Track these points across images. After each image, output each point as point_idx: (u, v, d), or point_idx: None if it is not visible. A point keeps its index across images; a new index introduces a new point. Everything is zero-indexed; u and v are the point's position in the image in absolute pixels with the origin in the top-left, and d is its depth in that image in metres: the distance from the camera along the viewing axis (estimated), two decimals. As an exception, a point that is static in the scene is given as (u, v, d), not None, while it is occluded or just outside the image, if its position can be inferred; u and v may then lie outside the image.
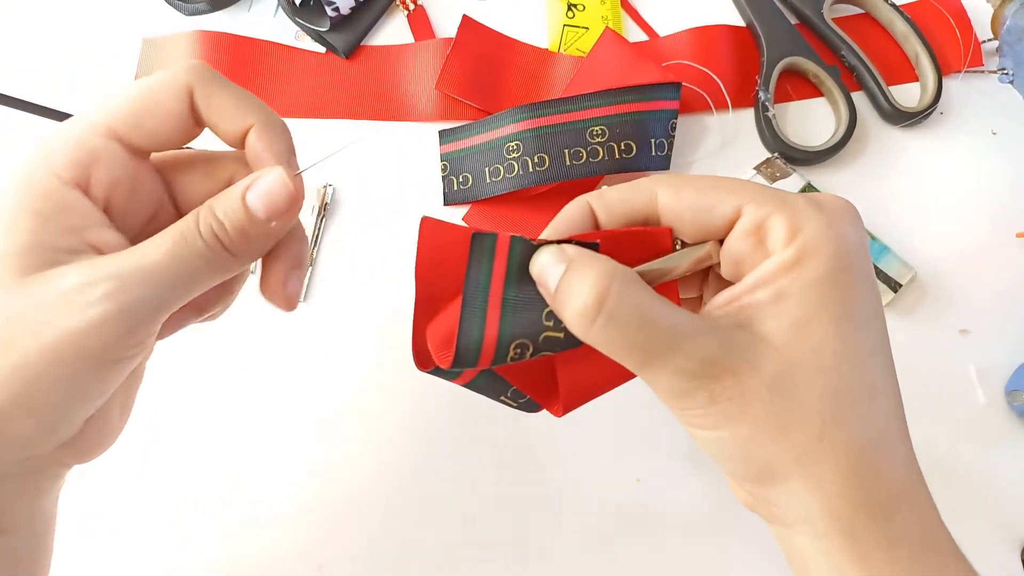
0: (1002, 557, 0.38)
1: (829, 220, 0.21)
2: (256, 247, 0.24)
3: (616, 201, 0.24)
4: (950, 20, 0.47)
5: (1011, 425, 0.40)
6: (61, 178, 0.22)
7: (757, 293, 0.21)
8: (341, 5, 0.45)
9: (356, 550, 0.37)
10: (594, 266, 0.21)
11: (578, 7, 0.48)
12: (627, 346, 0.21)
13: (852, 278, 0.21)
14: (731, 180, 0.23)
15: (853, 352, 0.21)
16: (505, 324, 0.23)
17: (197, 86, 0.24)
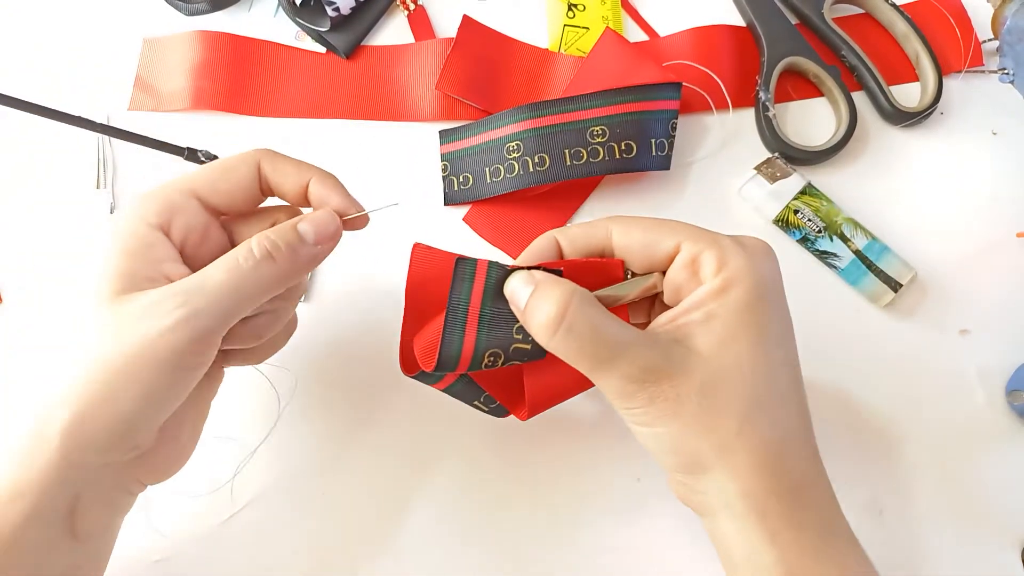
0: (1002, 557, 0.38)
1: (749, 257, 0.26)
2: (301, 265, 0.28)
3: (578, 236, 0.29)
4: (950, 20, 0.47)
5: (1011, 425, 0.40)
6: (149, 223, 0.28)
7: (691, 314, 0.26)
8: (341, 5, 0.45)
9: (356, 550, 0.37)
10: (557, 286, 0.26)
11: (578, 7, 0.48)
12: (582, 353, 0.26)
13: (767, 305, 0.26)
14: (672, 222, 0.28)
15: (766, 366, 0.26)
16: (481, 336, 0.27)
17: (265, 159, 0.30)
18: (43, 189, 0.44)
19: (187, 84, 0.46)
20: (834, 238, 0.42)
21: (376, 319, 0.42)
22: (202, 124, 0.46)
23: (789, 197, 0.42)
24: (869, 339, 0.41)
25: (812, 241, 0.42)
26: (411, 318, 0.30)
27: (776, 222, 0.43)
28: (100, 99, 0.46)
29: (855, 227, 0.42)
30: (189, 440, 0.31)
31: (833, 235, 0.42)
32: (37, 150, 0.45)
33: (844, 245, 0.41)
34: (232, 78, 0.46)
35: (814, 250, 0.42)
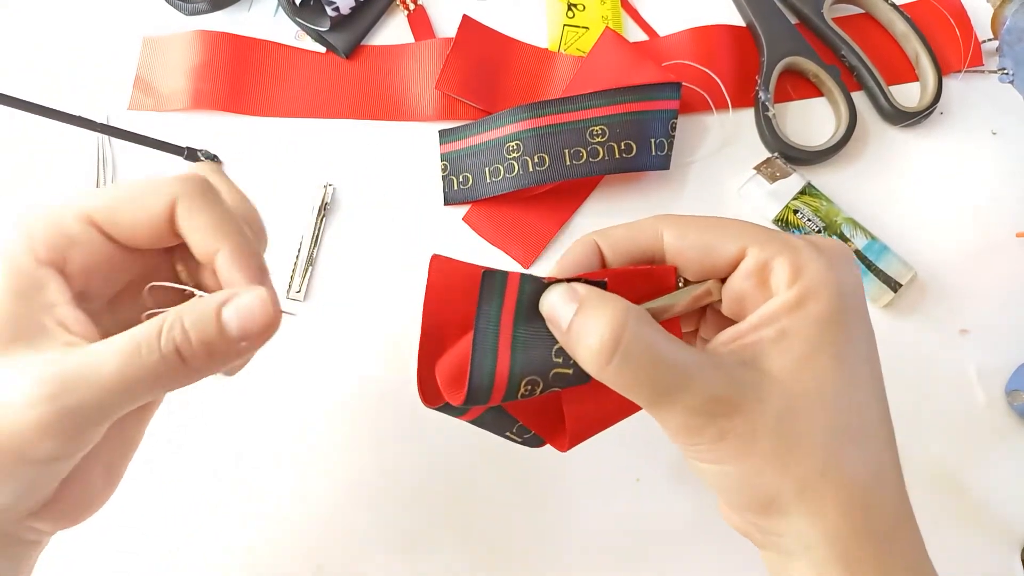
0: (1002, 557, 0.38)
1: (828, 263, 0.22)
2: (217, 364, 0.23)
3: (621, 239, 0.25)
4: (950, 20, 0.47)
5: (1011, 425, 0.40)
6: (37, 257, 0.23)
7: (761, 331, 0.22)
8: (341, 5, 0.45)
9: (356, 551, 0.37)
10: (608, 305, 0.22)
11: (578, 7, 0.48)
12: (640, 384, 0.22)
13: (850, 319, 0.22)
14: (734, 221, 0.24)
15: (852, 389, 0.22)
16: (516, 361, 0.23)
17: (182, 197, 0.24)
18: (43, 189, 0.44)
19: (187, 84, 0.46)
20: (834, 238, 0.42)
21: (379, 332, 0.41)
22: (202, 124, 0.46)
23: (789, 197, 0.42)
24: (869, 339, 0.41)
25: (812, 241, 0.42)
26: (430, 341, 0.26)
27: (776, 222, 0.43)
28: (100, 99, 0.46)
29: (855, 227, 0.42)
30: (105, 482, 0.26)
31: (833, 235, 0.42)
32: (37, 150, 0.45)
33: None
34: (232, 78, 0.46)
35: (814, 250, 0.42)
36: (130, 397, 0.22)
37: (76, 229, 0.23)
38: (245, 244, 0.24)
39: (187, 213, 0.24)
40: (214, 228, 0.24)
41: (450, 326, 0.25)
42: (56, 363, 0.21)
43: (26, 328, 0.22)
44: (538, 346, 0.23)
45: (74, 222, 0.23)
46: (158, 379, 0.22)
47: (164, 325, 0.22)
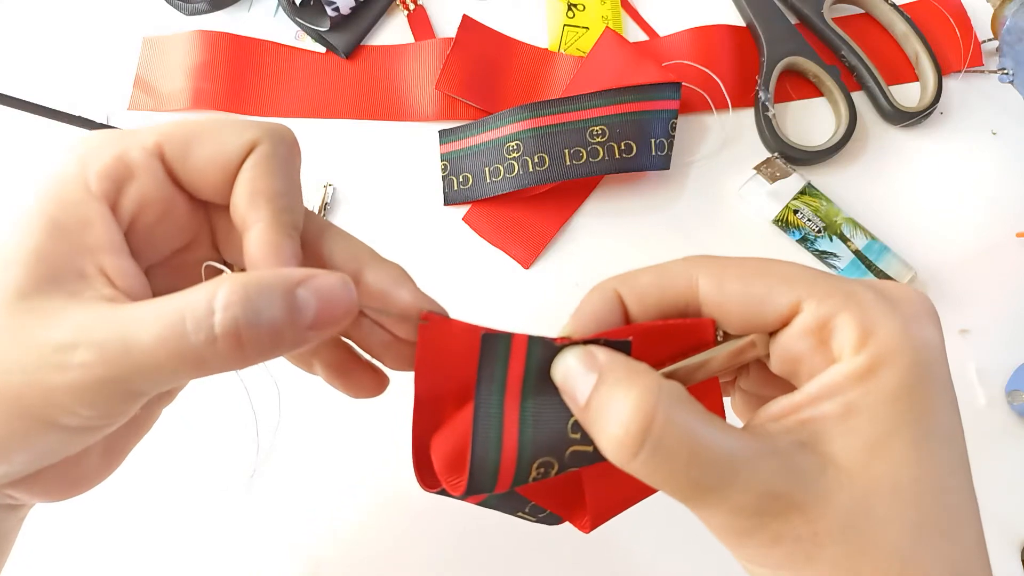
0: (1002, 557, 0.38)
1: (905, 321, 0.18)
2: (275, 355, 0.19)
3: (649, 288, 0.21)
4: (950, 20, 0.47)
5: (1011, 425, 0.40)
6: (90, 189, 0.19)
7: (822, 405, 0.18)
8: (341, 5, 0.45)
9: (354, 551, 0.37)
10: (635, 383, 0.18)
11: (578, 7, 0.48)
12: (675, 481, 0.18)
13: (931, 391, 0.19)
14: (783, 265, 0.20)
15: (934, 478, 0.18)
16: (525, 440, 0.20)
17: (263, 143, 0.20)
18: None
19: (187, 84, 0.46)
20: (834, 238, 0.42)
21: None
22: (202, 124, 0.46)
23: (789, 197, 0.42)
24: (869, 339, 0.41)
25: (812, 241, 0.42)
26: (425, 414, 0.22)
27: (776, 222, 0.43)
28: (100, 99, 0.46)
29: (855, 227, 0.42)
30: (103, 461, 0.22)
31: (833, 235, 0.42)
32: (37, 150, 0.45)
33: (844, 245, 0.41)
34: (232, 78, 0.46)
35: (814, 250, 0.42)
36: (170, 379, 0.18)
37: (140, 159, 0.20)
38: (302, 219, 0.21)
39: (263, 166, 0.20)
40: (281, 194, 0.20)
41: (447, 396, 0.21)
42: (97, 329, 0.18)
43: (63, 270, 0.19)
44: (552, 420, 0.20)
45: (139, 151, 0.20)
46: (206, 364, 0.18)
47: (219, 296, 0.17)
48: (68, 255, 0.19)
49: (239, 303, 0.17)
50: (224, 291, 0.17)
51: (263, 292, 0.18)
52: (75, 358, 0.17)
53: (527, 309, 0.42)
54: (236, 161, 0.20)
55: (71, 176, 0.19)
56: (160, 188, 0.20)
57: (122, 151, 0.20)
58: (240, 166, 0.20)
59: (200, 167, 0.20)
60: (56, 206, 0.19)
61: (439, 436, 0.22)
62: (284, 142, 0.21)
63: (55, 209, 0.19)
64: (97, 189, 0.19)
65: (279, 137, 0.21)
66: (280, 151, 0.21)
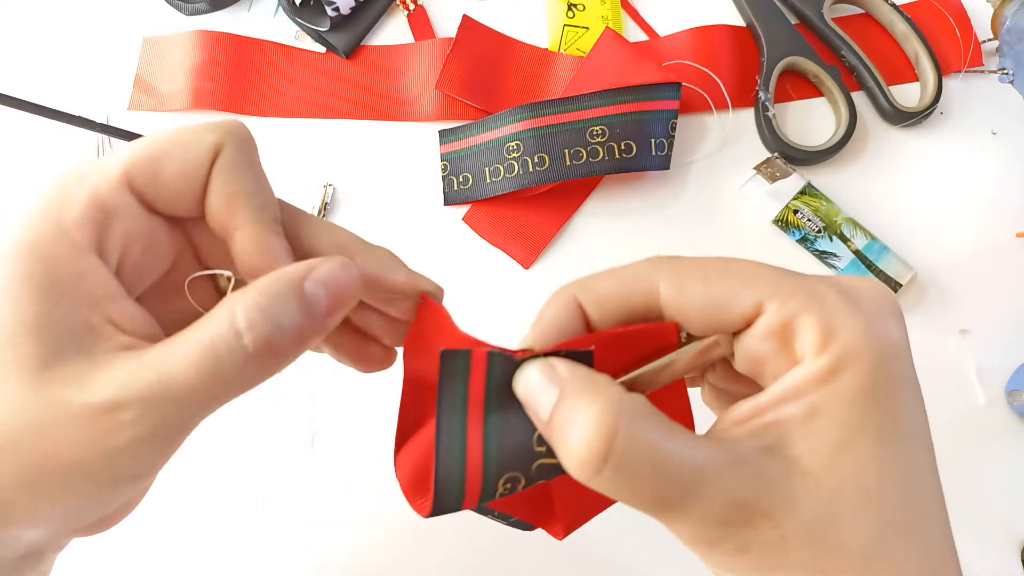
0: (1002, 557, 0.38)
1: (868, 320, 0.18)
2: (304, 349, 0.20)
3: (609, 294, 0.20)
4: (950, 20, 0.47)
5: (1011, 425, 0.40)
6: (73, 241, 0.18)
7: (786, 408, 0.18)
8: (341, 5, 0.45)
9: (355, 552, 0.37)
10: (595, 398, 0.18)
11: (578, 7, 0.48)
12: (640, 496, 0.18)
13: (895, 390, 0.18)
14: (745, 265, 0.19)
15: (899, 477, 0.18)
16: (490, 457, 0.19)
17: (227, 147, 0.20)
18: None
19: (187, 84, 0.46)
20: (833, 238, 0.42)
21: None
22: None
23: (789, 197, 0.42)
24: (869, 339, 0.41)
25: (812, 241, 0.42)
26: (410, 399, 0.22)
27: (776, 222, 0.43)
28: (100, 99, 0.46)
29: (854, 227, 0.42)
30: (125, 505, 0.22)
31: (833, 235, 0.42)
32: (37, 150, 0.45)
33: (844, 245, 0.41)
34: (232, 78, 0.46)
35: (813, 250, 0.42)
36: (217, 402, 0.19)
37: (113, 197, 0.19)
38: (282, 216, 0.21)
39: (231, 168, 0.20)
40: (256, 192, 0.20)
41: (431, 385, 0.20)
42: (133, 382, 0.18)
43: (73, 331, 0.18)
44: (516, 435, 0.19)
45: (109, 189, 0.19)
46: (245, 379, 0.19)
47: (240, 318, 0.18)
48: (72, 314, 0.18)
49: (261, 319, 0.18)
50: (242, 311, 0.18)
51: (277, 300, 0.18)
52: (125, 417, 0.17)
53: (527, 309, 0.42)
54: (205, 170, 0.20)
55: (49, 231, 0.18)
56: (139, 221, 0.20)
57: (92, 192, 0.19)
58: (209, 174, 0.20)
59: (171, 186, 0.20)
60: (43, 266, 0.18)
61: (402, 456, 0.21)
62: (244, 139, 0.21)
63: (42, 269, 0.18)
64: (80, 240, 0.18)
65: (239, 136, 0.20)
66: (244, 149, 0.20)
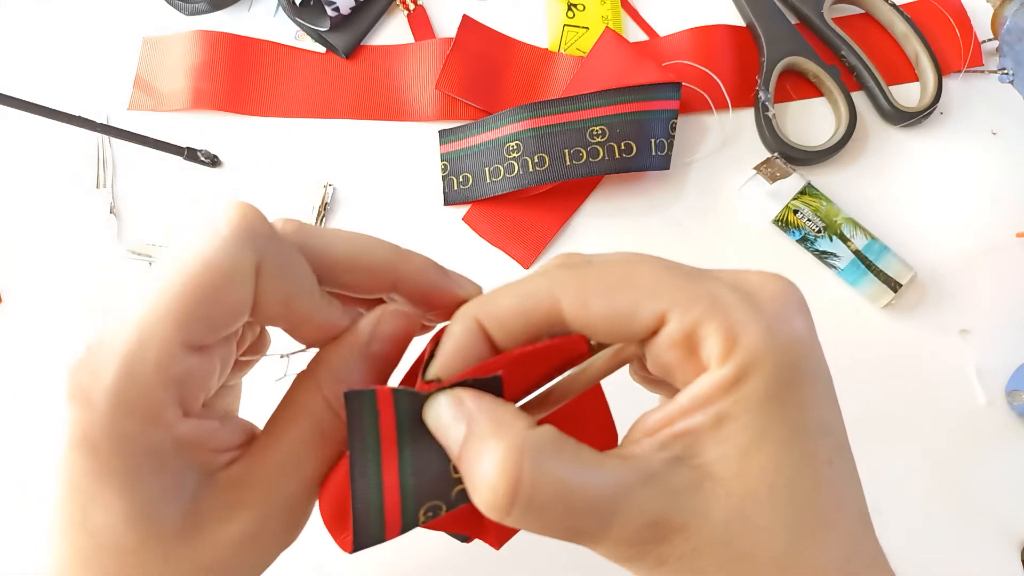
0: (1002, 557, 0.38)
1: (770, 322, 0.18)
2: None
3: (511, 315, 0.19)
4: (950, 20, 0.47)
5: (1011, 425, 0.40)
6: (162, 423, 0.18)
7: (694, 417, 0.18)
8: (341, 5, 0.45)
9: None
10: (500, 439, 0.18)
11: (578, 7, 0.48)
12: (552, 530, 0.18)
13: (800, 388, 0.18)
14: (647, 272, 0.19)
15: (809, 474, 0.18)
16: (407, 490, 0.19)
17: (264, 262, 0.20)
18: (43, 189, 0.44)
19: (187, 84, 0.46)
20: (833, 238, 0.42)
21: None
22: (202, 124, 0.46)
23: (789, 197, 0.42)
24: (869, 339, 0.41)
25: (812, 241, 0.42)
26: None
27: (775, 222, 0.43)
28: (100, 99, 0.46)
29: (854, 227, 0.42)
30: None
31: (833, 235, 0.42)
32: (37, 150, 0.45)
33: (844, 245, 0.41)
34: (232, 78, 0.46)
35: (813, 250, 0.42)
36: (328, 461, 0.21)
37: (180, 367, 0.18)
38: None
39: (279, 280, 0.20)
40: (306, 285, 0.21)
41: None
42: (261, 503, 0.20)
43: (190, 483, 0.19)
44: (433, 465, 0.19)
45: (175, 361, 0.18)
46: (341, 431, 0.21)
47: (327, 396, 0.20)
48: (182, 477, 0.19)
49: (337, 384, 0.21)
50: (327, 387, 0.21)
51: (352, 369, 0.21)
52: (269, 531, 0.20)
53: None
54: (253, 293, 0.20)
55: (138, 426, 0.18)
56: (203, 364, 0.20)
57: (163, 372, 0.18)
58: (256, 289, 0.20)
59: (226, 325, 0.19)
60: (147, 458, 0.19)
61: (324, 491, 0.21)
62: (274, 237, 0.20)
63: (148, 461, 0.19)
64: (172, 419, 0.19)
65: (268, 236, 0.20)
66: (282, 251, 0.20)
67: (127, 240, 0.43)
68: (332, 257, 0.21)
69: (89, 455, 0.18)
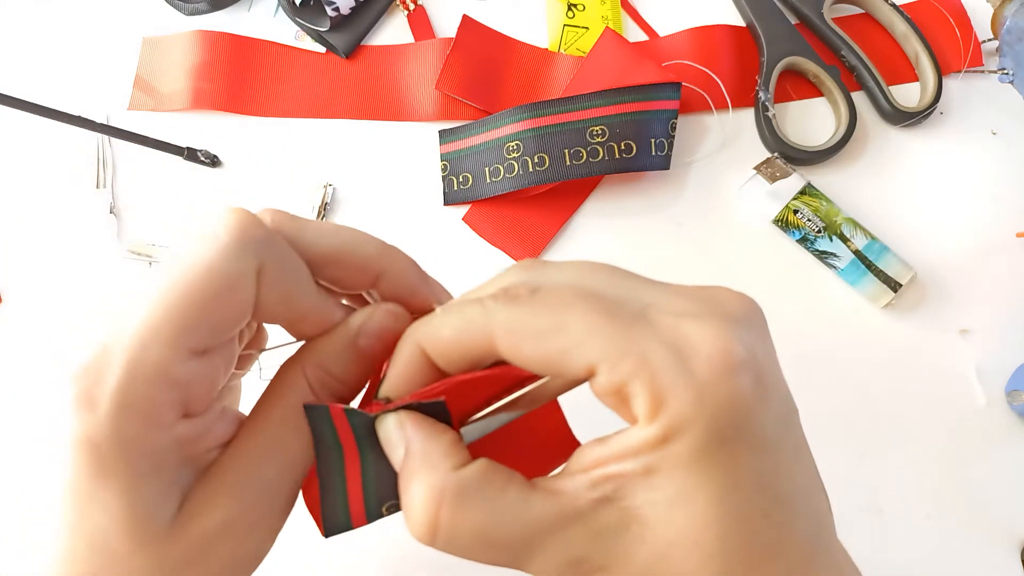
0: (1002, 557, 0.38)
1: (700, 388, 0.17)
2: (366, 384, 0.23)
3: (450, 347, 0.20)
4: (950, 20, 0.47)
5: (1011, 425, 0.40)
6: (163, 425, 0.19)
7: (625, 462, 0.18)
8: (341, 5, 0.45)
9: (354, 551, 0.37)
10: (423, 478, 0.18)
11: (578, 7, 0.48)
12: (476, 559, 0.19)
13: (734, 451, 0.18)
14: (579, 321, 0.18)
15: (740, 528, 0.18)
16: (369, 489, 0.21)
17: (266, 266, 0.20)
18: (43, 189, 0.44)
19: (187, 84, 0.46)
20: (833, 238, 0.42)
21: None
22: (202, 124, 0.46)
23: (789, 197, 0.42)
24: (869, 339, 0.41)
25: (811, 241, 0.42)
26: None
27: (775, 222, 0.43)
28: (100, 99, 0.46)
29: (854, 227, 0.42)
30: None
31: (832, 235, 0.42)
32: (37, 150, 0.45)
33: (844, 245, 0.41)
34: (232, 78, 0.46)
35: (813, 250, 0.42)
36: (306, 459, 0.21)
37: (180, 371, 0.19)
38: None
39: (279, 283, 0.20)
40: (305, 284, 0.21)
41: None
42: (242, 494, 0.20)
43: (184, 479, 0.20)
44: (391, 469, 0.20)
45: (176, 365, 0.19)
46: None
47: (311, 382, 0.21)
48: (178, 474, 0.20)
49: (328, 378, 0.21)
50: (311, 372, 0.21)
51: (338, 360, 0.22)
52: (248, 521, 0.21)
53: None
54: (255, 297, 0.20)
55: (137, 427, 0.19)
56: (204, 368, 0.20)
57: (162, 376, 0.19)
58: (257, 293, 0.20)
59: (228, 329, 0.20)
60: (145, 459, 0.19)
61: (308, 481, 0.22)
62: (274, 241, 0.20)
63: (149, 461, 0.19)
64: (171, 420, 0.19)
65: (269, 242, 0.20)
66: (282, 255, 0.21)
67: (127, 240, 0.43)
68: (321, 251, 0.22)
69: (91, 457, 0.18)
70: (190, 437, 0.20)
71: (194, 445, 0.20)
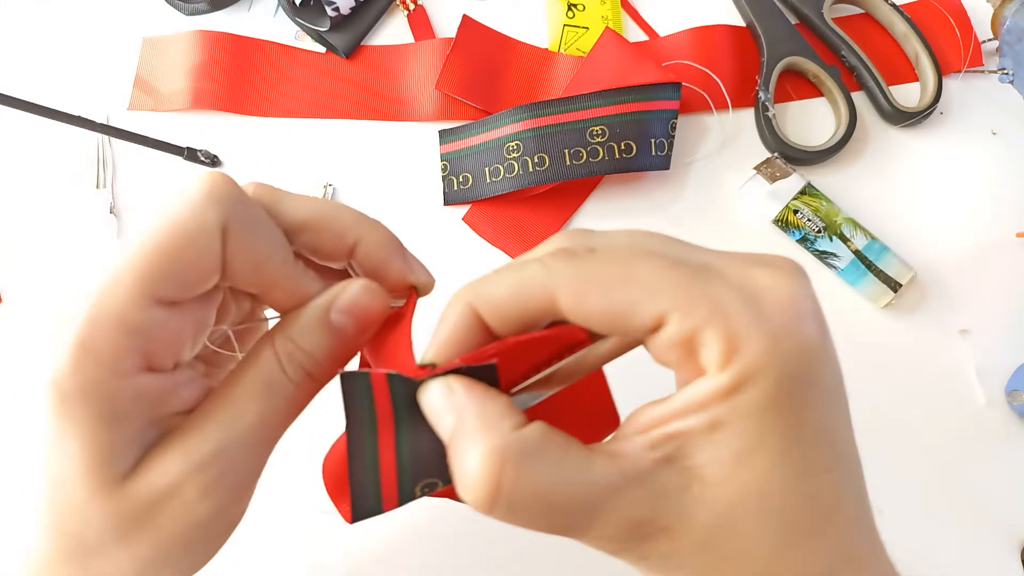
0: (1002, 557, 0.38)
1: (775, 332, 0.17)
2: (345, 366, 0.22)
3: (506, 304, 0.19)
4: (950, 20, 0.47)
5: (1011, 425, 0.40)
6: (123, 371, 0.19)
7: (688, 419, 0.18)
8: (341, 5, 0.45)
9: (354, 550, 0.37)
10: (483, 439, 0.17)
11: (578, 7, 0.48)
12: (536, 526, 0.18)
13: (801, 399, 0.18)
14: (647, 270, 0.18)
15: (802, 483, 0.18)
16: (404, 467, 0.20)
17: (232, 224, 0.20)
18: (43, 189, 0.44)
19: (187, 84, 0.46)
20: (833, 238, 0.42)
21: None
22: (202, 124, 0.46)
23: (789, 197, 0.42)
24: (869, 339, 0.41)
25: (811, 241, 0.42)
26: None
27: (775, 222, 0.43)
28: (100, 99, 0.46)
29: (854, 227, 0.42)
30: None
31: (832, 235, 0.42)
32: (37, 150, 0.45)
33: (844, 245, 0.41)
34: (232, 78, 0.46)
35: (813, 250, 0.42)
36: (279, 434, 0.21)
37: (142, 318, 0.19)
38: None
39: (246, 242, 0.20)
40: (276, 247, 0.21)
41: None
42: (200, 448, 0.20)
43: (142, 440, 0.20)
44: (428, 444, 0.19)
45: (138, 312, 0.19)
46: (298, 406, 0.21)
47: (278, 353, 0.21)
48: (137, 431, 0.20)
49: (294, 350, 0.21)
50: (279, 347, 0.21)
51: (309, 333, 0.21)
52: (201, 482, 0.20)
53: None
54: (220, 253, 0.20)
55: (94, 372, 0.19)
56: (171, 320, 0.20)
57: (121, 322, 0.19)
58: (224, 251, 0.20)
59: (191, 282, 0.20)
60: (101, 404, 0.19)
61: (328, 459, 0.22)
62: (242, 201, 0.20)
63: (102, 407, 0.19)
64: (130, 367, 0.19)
65: (237, 200, 0.20)
66: (248, 213, 0.21)
67: (127, 240, 0.43)
68: (299, 217, 0.22)
69: (57, 399, 0.19)
70: (154, 392, 0.20)
71: (160, 405, 0.20)
